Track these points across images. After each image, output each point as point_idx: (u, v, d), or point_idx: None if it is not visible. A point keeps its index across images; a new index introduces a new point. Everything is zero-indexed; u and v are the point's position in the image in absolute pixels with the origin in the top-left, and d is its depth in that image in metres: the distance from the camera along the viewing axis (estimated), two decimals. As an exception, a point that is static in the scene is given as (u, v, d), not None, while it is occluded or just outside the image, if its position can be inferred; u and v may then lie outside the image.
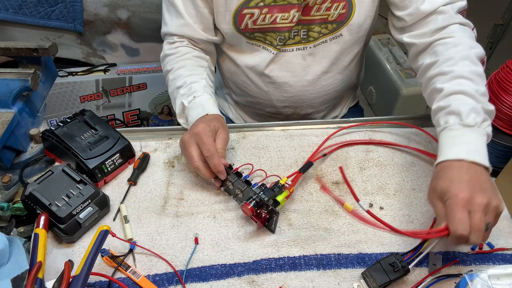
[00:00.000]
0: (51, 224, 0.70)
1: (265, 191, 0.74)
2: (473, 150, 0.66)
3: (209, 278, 0.68)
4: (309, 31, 0.90)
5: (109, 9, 1.51)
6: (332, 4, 0.85)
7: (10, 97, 0.78)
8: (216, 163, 0.75)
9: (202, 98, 0.85)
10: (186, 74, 0.90)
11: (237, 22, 0.88)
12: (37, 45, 0.82)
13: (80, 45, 1.61)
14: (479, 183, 0.63)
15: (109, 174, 0.81)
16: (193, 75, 0.90)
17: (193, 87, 0.87)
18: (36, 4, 1.46)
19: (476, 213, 0.60)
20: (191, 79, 0.89)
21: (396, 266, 0.66)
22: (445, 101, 0.72)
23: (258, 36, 0.91)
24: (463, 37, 0.78)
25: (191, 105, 0.86)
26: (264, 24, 0.88)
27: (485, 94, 0.72)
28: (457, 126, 0.69)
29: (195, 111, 0.84)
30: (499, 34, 2.24)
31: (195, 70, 0.91)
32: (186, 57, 0.93)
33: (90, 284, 0.67)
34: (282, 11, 0.86)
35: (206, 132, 0.77)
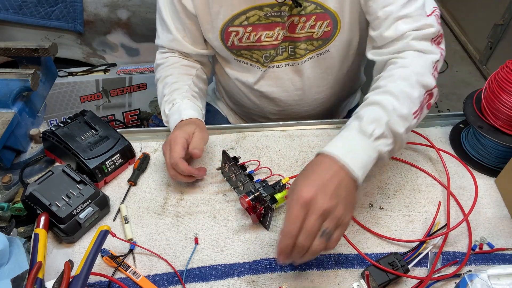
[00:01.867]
0: (51, 224, 0.70)
1: (265, 187, 0.75)
2: (351, 154, 0.62)
3: (209, 278, 0.68)
4: (295, 48, 0.90)
5: (109, 9, 1.51)
6: (316, 22, 0.85)
7: (10, 97, 0.78)
8: (183, 169, 0.75)
9: (180, 104, 0.86)
10: (171, 82, 0.91)
11: (224, 39, 0.89)
12: (37, 45, 0.82)
13: (80, 45, 1.61)
14: (335, 187, 0.59)
15: (109, 174, 0.81)
16: (177, 83, 0.91)
17: (174, 94, 0.88)
18: (36, 4, 1.46)
19: (311, 215, 0.57)
20: (174, 87, 0.90)
21: (396, 265, 0.66)
22: (361, 108, 0.69)
23: (244, 54, 0.92)
24: (415, 63, 0.72)
25: (170, 112, 0.87)
26: (249, 42, 0.89)
27: (404, 117, 0.66)
28: (354, 128, 0.65)
29: (173, 118, 0.85)
30: (499, 34, 2.24)
31: (180, 78, 0.92)
32: (174, 66, 0.95)
33: (90, 284, 0.67)
34: (266, 29, 0.86)
35: (178, 139, 0.77)
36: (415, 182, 0.83)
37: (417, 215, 0.77)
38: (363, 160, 0.63)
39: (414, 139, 0.90)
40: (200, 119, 0.86)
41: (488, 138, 0.81)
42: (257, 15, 0.84)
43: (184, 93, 0.89)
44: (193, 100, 0.89)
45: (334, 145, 0.64)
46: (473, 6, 2.52)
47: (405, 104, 0.67)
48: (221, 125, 0.97)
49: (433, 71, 0.72)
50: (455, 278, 0.67)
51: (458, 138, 0.91)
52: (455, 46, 2.64)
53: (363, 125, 0.64)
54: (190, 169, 0.76)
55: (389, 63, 0.75)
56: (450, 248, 0.72)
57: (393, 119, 0.65)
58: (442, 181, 0.83)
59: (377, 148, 0.64)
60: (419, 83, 0.69)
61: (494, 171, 0.84)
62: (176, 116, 0.84)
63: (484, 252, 0.72)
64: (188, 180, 0.79)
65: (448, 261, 0.70)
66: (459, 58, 2.57)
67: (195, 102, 0.89)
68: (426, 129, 0.93)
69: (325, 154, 0.62)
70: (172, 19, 0.90)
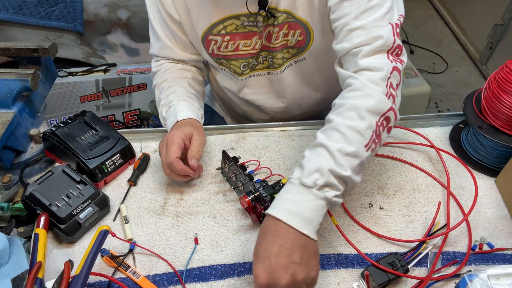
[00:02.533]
0: (51, 224, 0.70)
1: (265, 187, 0.75)
2: (295, 214, 0.60)
3: (209, 278, 0.68)
4: (273, 58, 0.90)
5: (109, 9, 1.52)
6: (289, 31, 0.84)
7: (10, 97, 0.78)
8: (178, 169, 0.75)
9: (176, 106, 0.86)
10: (167, 86, 0.91)
11: (206, 47, 0.90)
12: (37, 45, 0.82)
13: (80, 45, 1.61)
14: (286, 257, 0.58)
15: (109, 174, 0.81)
16: (173, 86, 0.91)
17: (169, 97, 0.89)
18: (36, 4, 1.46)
19: None
20: (170, 90, 0.90)
21: (396, 265, 0.66)
22: (308, 151, 0.66)
23: (224, 63, 0.92)
24: (365, 86, 0.66)
25: (167, 114, 0.87)
26: (227, 51, 0.89)
27: (353, 155, 0.63)
28: (295, 183, 0.62)
29: (169, 120, 0.85)
30: (499, 34, 2.24)
31: (176, 81, 0.92)
32: (170, 71, 0.95)
33: (90, 284, 0.67)
34: (244, 38, 0.86)
35: (175, 139, 0.77)
36: (415, 182, 0.83)
37: (417, 215, 0.77)
38: (309, 216, 0.61)
39: (414, 139, 0.90)
40: (197, 120, 0.86)
41: (488, 138, 0.81)
42: (234, 24, 0.85)
43: (180, 95, 0.89)
44: (189, 101, 0.88)
45: (277, 207, 0.62)
46: (473, 6, 2.52)
47: (353, 140, 0.63)
48: (221, 125, 0.97)
49: (387, 89, 0.67)
50: (455, 278, 0.67)
51: (458, 138, 0.91)
52: (455, 46, 2.64)
53: (304, 177, 0.62)
54: (185, 168, 0.76)
55: (346, 84, 0.70)
56: (450, 248, 0.72)
57: (337, 163, 0.62)
58: (442, 181, 0.83)
59: (323, 196, 0.61)
60: (369, 111, 0.64)
61: (494, 171, 0.84)
62: (172, 117, 0.84)
63: (484, 252, 0.72)
64: (183, 179, 0.80)
65: (448, 261, 0.70)
66: (459, 58, 2.57)
67: (191, 103, 0.89)
68: (426, 129, 0.93)
69: (271, 217, 0.61)
70: (161, 27, 0.91)
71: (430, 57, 2.54)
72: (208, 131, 0.93)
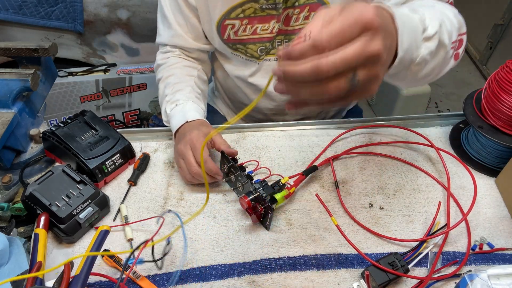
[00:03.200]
0: (51, 224, 0.70)
1: (265, 187, 0.75)
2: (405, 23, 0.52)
3: (209, 278, 0.68)
4: (289, 40, 0.90)
5: (109, 9, 1.51)
6: (310, 13, 0.86)
7: (10, 97, 0.78)
8: (211, 167, 0.76)
9: (184, 105, 0.86)
10: (173, 82, 0.91)
11: (220, 33, 0.90)
12: (37, 45, 0.82)
13: (80, 45, 1.61)
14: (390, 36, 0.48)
15: (109, 174, 0.81)
16: (179, 83, 0.91)
17: (176, 95, 0.88)
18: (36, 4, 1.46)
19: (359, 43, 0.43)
20: (177, 87, 0.90)
21: (396, 265, 0.66)
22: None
23: (240, 48, 0.93)
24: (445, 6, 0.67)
25: (172, 112, 0.86)
26: (244, 35, 0.89)
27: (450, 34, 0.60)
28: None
29: (175, 118, 0.85)
30: (499, 34, 2.25)
31: (183, 78, 0.93)
32: (176, 66, 0.95)
33: (90, 284, 0.67)
34: (262, 22, 0.87)
35: (200, 138, 0.78)
36: (415, 182, 0.83)
37: (417, 215, 0.77)
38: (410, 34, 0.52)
39: (414, 139, 0.90)
40: (207, 121, 0.86)
41: (488, 138, 0.81)
42: (252, 8, 0.85)
43: (188, 94, 0.89)
44: (196, 102, 0.89)
45: None
46: (473, 6, 2.52)
47: (450, 25, 0.61)
48: (221, 125, 0.97)
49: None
50: (455, 278, 0.67)
51: (458, 138, 0.91)
52: (455, 46, 2.64)
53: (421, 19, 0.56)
54: (217, 168, 0.77)
55: None
56: (450, 248, 0.72)
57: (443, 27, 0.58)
58: (442, 181, 0.83)
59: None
60: (452, 21, 0.63)
61: (494, 171, 0.84)
62: (180, 117, 0.84)
63: (484, 252, 0.72)
64: (210, 180, 0.79)
65: (448, 261, 0.70)
66: (459, 58, 2.57)
67: (198, 104, 0.89)
68: (426, 129, 0.93)
69: None
70: (173, 15, 0.91)
71: (430, 57, 2.54)
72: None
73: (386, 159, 0.87)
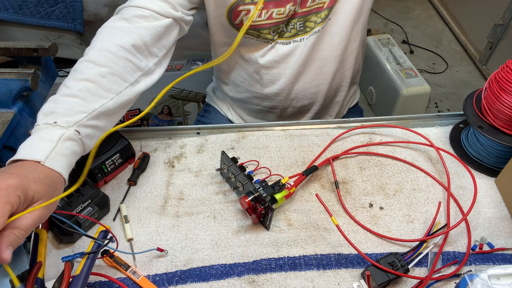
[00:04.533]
0: (51, 224, 0.70)
1: (265, 187, 0.75)
2: None
3: (209, 278, 0.68)
4: (305, 21, 0.89)
5: (109, 9, 1.52)
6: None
7: (10, 97, 0.78)
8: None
9: (61, 135, 0.59)
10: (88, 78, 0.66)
11: (232, 17, 0.87)
12: (37, 45, 0.82)
13: (80, 45, 1.61)
14: None
15: (109, 174, 0.81)
16: (92, 89, 0.66)
17: (67, 109, 0.62)
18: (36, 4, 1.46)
19: None
20: (83, 96, 0.64)
21: (396, 265, 0.66)
22: None
23: (252, 32, 0.90)
24: None
25: (40, 133, 0.60)
26: (259, 21, 0.87)
27: None
28: None
29: (37, 144, 0.58)
30: (499, 34, 2.25)
31: (108, 84, 0.68)
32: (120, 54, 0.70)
33: (90, 284, 0.67)
34: (277, 6, 0.85)
35: (10, 194, 0.49)
36: (415, 182, 0.83)
37: (417, 215, 0.77)
38: None
39: (414, 139, 0.90)
40: (64, 179, 0.59)
41: (488, 138, 0.81)
42: None
43: (83, 118, 0.63)
44: (83, 139, 0.63)
45: None
46: (473, 6, 2.52)
47: None
48: (221, 124, 0.97)
49: None
50: (455, 278, 0.67)
51: (458, 138, 0.91)
52: (455, 46, 2.64)
53: None
54: None
55: None
56: (450, 248, 0.72)
57: None
58: (442, 181, 0.83)
59: None
60: None
61: (494, 171, 0.84)
62: (41, 148, 0.57)
63: (484, 252, 0.72)
64: None
65: (448, 261, 0.70)
66: (459, 58, 2.57)
67: (80, 145, 0.63)
68: (426, 129, 0.93)
69: None
70: None
71: (430, 57, 2.54)
72: (208, 130, 0.93)
73: (386, 159, 0.87)
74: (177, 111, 1.75)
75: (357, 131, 0.93)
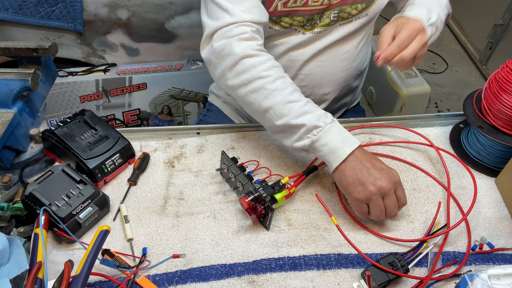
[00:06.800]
0: (51, 224, 0.70)
1: (265, 187, 0.75)
2: None
3: (209, 278, 0.68)
4: (340, 12, 0.90)
5: (109, 9, 1.51)
6: None
7: (10, 97, 0.78)
8: None
9: (336, 124, 0.73)
10: (305, 101, 0.75)
11: (266, 4, 0.83)
12: (37, 45, 0.82)
13: (80, 45, 1.61)
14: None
15: (109, 174, 0.81)
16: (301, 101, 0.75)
17: (309, 118, 0.73)
18: (36, 4, 1.46)
19: None
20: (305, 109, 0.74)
21: (396, 265, 0.66)
22: None
23: (284, 21, 0.87)
24: None
25: (332, 128, 0.72)
26: (295, 6, 0.85)
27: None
28: None
29: (339, 136, 0.72)
30: (499, 34, 2.24)
31: (294, 91, 0.77)
32: (283, 72, 0.79)
33: (90, 284, 0.67)
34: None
35: (399, 177, 0.72)
36: (415, 182, 0.83)
37: (417, 215, 0.77)
38: None
39: (414, 139, 0.90)
40: None
41: (488, 138, 0.81)
42: None
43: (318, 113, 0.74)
44: None
45: None
46: (473, 6, 2.52)
47: None
48: (221, 124, 0.97)
49: None
50: (455, 278, 0.67)
51: (458, 138, 0.91)
52: (455, 46, 2.64)
53: None
54: None
55: None
56: (450, 248, 0.72)
57: None
58: (442, 181, 0.83)
59: None
60: None
61: (494, 171, 0.84)
62: (347, 146, 0.71)
63: (484, 252, 0.71)
64: None
65: (448, 261, 0.70)
66: (459, 58, 2.57)
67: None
68: (426, 129, 0.93)
69: None
70: None
71: (430, 57, 2.54)
72: (208, 130, 0.93)
73: (386, 159, 0.87)
74: (177, 111, 1.75)
75: (357, 131, 0.93)
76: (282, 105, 0.74)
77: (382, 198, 0.70)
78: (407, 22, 0.81)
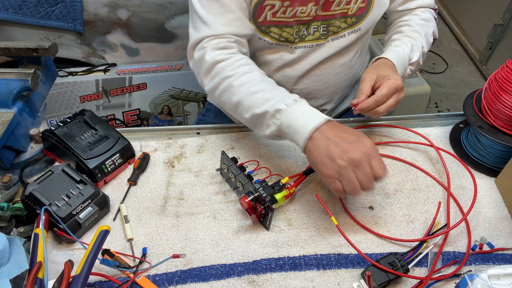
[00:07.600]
0: (51, 224, 0.70)
1: (265, 187, 0.75)
2: None
3: (209, 278, 0.68)
4: (329, 26, 0.90)
5: (109, 9, 1.51)
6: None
7: (10, 97, 0.78)
8: None
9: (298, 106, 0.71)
10: (270, 88, 0.76)
11: (256, 14, 0.85)
12: (37, 45, 0.82)
13: (80, 45, 1.61)
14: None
15: (109, 174, 0.81)
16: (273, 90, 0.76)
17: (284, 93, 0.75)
18: (36, 4, 1.46)
19: None
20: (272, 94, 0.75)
21: (396, 265, 0.66)
22: None
23: (273, 31, 0.88)
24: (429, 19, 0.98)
25: (296, 107, 0.71)
26: (284, 17, 0.86)
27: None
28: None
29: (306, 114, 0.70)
30: (499, 34, 2.24)
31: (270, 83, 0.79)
32: (252, 68, 0.81)
33: (90, 284, 0.67)
34: (301, 5, 0.85)
35: (374, 146, 0.68)
36: (415, 182, 0.83)
37: (417, 215, 0.77)
38: None
39: (414, 138, 0.90)
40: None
41: (488, 138, 0.81)
42: None
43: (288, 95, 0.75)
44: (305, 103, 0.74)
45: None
46: (473, 6, 2.52)
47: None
48: (221, 124, 0.97)
49: None
50: (455, 278, 0.67)
51: (458, 138, 0.91)
52: (455, 46, 2.64)
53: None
54: None
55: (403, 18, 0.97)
56: (450, 248, 0.72)
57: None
58: (442, 181, 0.83)
59: None
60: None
61: (494, 171, 0.84)
62: (312, 120, 0.69)
63: (484, 252, 0.71)
64: None
65: (448, 261, 0.70)
66: (459, 58, 2.57)
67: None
68: (426, 129, 0.93)
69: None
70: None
71: (430, 57, 2.54)
72: (208, 130, 0.93)
73: (386, 159, 0.87)
74: (177, 111, 1.76)
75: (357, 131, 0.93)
76: (247, 98, 0.76)
77: (354, 172, 0.66)
78: (388, 76, 0.82)
